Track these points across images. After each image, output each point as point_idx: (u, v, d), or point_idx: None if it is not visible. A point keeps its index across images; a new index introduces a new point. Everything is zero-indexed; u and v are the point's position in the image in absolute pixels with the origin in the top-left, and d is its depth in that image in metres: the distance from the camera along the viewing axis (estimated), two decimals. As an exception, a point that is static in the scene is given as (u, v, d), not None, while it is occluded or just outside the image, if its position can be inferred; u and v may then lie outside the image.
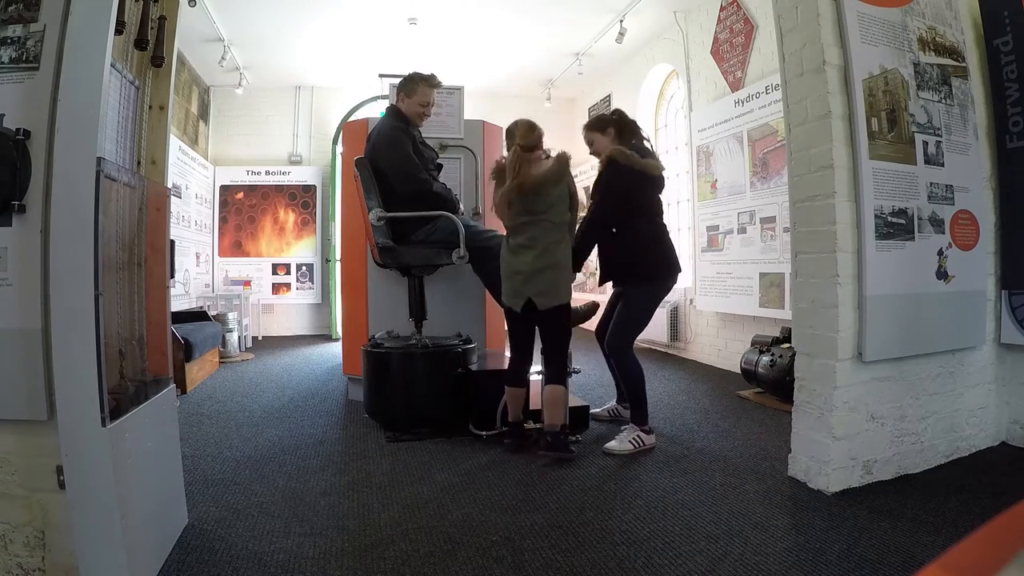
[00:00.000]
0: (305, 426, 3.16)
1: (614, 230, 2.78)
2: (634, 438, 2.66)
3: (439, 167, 3.27)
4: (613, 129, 2.83)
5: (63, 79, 1.41)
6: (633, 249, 2.75)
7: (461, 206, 3.30)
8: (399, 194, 2.98)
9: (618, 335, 2.82)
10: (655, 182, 2.79)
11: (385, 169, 2.99)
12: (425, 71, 3.16)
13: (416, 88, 3.08)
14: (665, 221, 2.89)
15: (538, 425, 2.86)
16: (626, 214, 2.73)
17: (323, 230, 7.09)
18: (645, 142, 2.88)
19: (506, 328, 2.76)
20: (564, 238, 2.63)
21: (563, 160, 2.59)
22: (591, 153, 2.93)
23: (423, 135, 3.23)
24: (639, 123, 2.94)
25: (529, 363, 2.75)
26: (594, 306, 2.98)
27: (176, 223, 5.51)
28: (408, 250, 3.03)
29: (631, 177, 2.68)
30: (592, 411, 3.21)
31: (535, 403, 2.87)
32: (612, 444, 2.65)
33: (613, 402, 3.25)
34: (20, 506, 1.43)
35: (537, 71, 6.80)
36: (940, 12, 2.49)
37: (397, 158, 2.97)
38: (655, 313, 2.90)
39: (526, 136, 2.59)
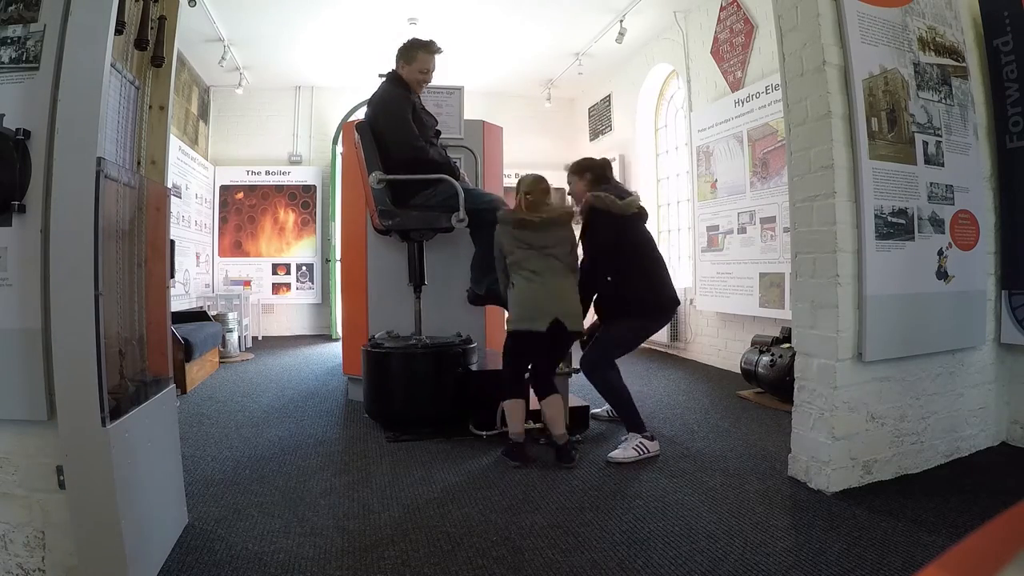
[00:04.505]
0: (305, 426, 3.16)
1: (608, 278, 2.81)
2: (637, 445, 2.59)
3: (438, 134, 3.24)
4: (589, 174, 2.91)
5: (63, 79, 1.41)
6: (621, 289, 2.78)
7: (463, 172, 3.28)
8: (395, 159, 2.96)
9: (595, 350, 2.79)
10: (637, 217, 2.84)
11: (383, 133, 2.97)
12: (424, 38, 3.12)
13: (416, 55, 3.05)
14: (661, 252, 2.96)
15: (538, 425, 2.85)
16: (617, 259, 2.76)
17: (323, 230, 7.09)
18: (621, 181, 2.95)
19: (510, 354, 2.69)
20: (572, 275, 2.68)
21: (570, 210, 2.79)
22: (568, 194, 3.03)
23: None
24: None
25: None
26: None
27: (176, 223, 5.51)
28: (408, 214, 3.02)
29: (612, 222, 2.72)
30: (592, 411, 3.22)
31: (533, 403, 2.86)
32: (616, 453, 2.58)
33: (611, 403, 3.25)
34: (20, 506, 1.43)
35: (537, 71, 6.80)
36: (940, 12, 2.49)
37: (394, 123, 2.96)
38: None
39: (532, 187, 2.68)
